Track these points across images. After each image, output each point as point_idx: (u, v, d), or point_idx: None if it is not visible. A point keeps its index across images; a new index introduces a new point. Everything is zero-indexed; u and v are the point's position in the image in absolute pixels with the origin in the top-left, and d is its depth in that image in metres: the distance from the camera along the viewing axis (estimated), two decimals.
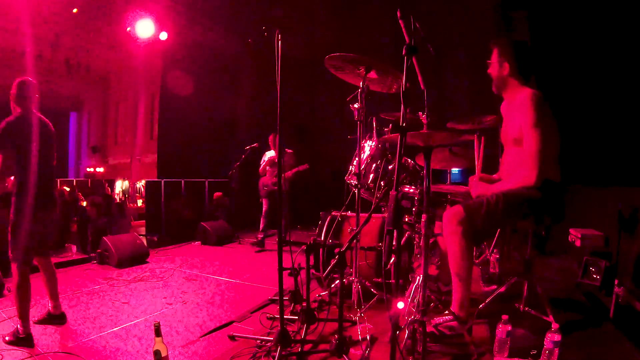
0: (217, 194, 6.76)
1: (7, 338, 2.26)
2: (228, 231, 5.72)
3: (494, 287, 2.74)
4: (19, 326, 2.27)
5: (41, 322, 2.52)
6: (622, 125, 3.90)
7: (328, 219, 3.06)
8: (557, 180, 2.08)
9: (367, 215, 1.93)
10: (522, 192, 2.03)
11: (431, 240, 2.58)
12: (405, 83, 1.54)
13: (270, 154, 5.19)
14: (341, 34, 6.63)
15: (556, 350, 1.72)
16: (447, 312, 2.05)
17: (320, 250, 2.99)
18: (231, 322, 2.54)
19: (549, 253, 3.67)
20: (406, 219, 2.47)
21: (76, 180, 11.21)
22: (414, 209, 2.40)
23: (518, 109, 2.08)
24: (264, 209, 5.20)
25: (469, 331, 2.05)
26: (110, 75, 11.47)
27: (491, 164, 3.36)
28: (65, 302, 2.85)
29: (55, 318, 2.55)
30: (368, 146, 2.64)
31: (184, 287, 3.40)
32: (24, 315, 2.28)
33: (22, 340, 2.25)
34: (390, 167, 2.58)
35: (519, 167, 2.07)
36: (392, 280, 2.46)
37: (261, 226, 5.14)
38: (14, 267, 2.33)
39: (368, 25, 6.34)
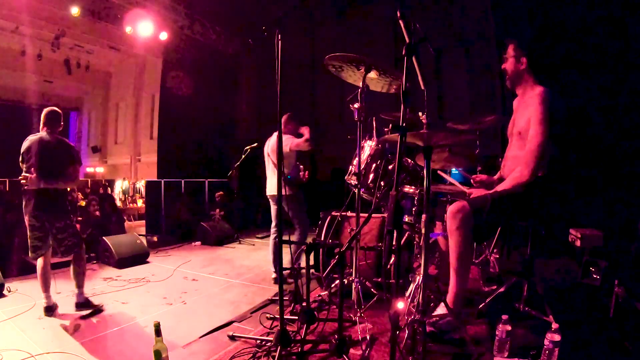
0: (219, 193, 6.77)
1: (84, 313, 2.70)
2: (228, 231, 5.73)
3: (494, 287, 2.74)
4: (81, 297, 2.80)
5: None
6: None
7: (328, 219, 3.06)
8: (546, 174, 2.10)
9: (367, 215, 1.93)
10: (518, 189, 2.06)
11: (431, 240, 2.58)
12: (405, 83, 1.54)
13: None
14: (341, 34, 6.63)
15: (556, 350, 1.72)
16: (441, 303, 2.05)
17: (320, 250, 2.99)
18: (231, 322, 2.54)
19: (549, 253, 3.66)
20: (406, 219, 2.47)
21: None
22: (414, 209, 2.40)
23: (529, 104, 2.12)
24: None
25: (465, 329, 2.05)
26: (110, 75, 11.45)
27: (491, 164, 3.36)
28: (66, 302, 2.86)
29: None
30: (368, 146, 2.64)
31: (184, 287, 3.40)
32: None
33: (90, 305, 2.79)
34: (390, 167, 2.58)
35: (520, 162, 2.09)
36: (392, 280, 2.47)
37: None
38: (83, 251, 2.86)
39: (368, 25, 6.34)
